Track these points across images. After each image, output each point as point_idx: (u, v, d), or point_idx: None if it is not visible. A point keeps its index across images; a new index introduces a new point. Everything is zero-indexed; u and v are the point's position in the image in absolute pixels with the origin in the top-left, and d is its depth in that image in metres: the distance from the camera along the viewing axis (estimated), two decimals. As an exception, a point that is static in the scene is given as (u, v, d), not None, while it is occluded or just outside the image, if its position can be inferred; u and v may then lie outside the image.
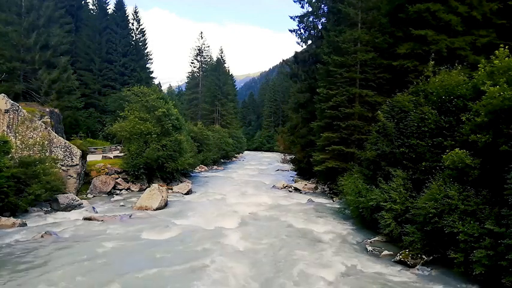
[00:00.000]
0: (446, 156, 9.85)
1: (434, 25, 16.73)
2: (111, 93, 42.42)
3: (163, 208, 17.10)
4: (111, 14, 47.92)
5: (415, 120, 12.10)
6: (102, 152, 30.42)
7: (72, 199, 16.24)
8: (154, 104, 24.26)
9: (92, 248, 10.65)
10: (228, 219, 14.78)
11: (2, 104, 17.38)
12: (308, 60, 29.17)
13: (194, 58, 68.44)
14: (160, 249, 10.83)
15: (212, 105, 62.41)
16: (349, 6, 21.28)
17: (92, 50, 44.01)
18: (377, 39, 19.45)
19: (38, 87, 27.66)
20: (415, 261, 9.84)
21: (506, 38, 15.26)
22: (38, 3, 28.43)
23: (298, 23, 28.67)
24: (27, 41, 27.37)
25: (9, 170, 13.85)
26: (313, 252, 10.97)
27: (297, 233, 13.22)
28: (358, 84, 20.40)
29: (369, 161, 14.41)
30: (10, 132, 17.19)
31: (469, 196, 9.14)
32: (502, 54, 9.92)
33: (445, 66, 13.29)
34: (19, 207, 14.17)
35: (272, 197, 21.04)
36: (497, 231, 7.85)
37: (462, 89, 11.34)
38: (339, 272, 9.38)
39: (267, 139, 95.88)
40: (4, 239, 11.19)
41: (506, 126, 8.69)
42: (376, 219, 12.08)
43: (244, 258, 10.19)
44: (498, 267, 7.73)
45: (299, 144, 28.99)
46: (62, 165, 18.37)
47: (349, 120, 20.06)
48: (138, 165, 22.37)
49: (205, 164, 40.68)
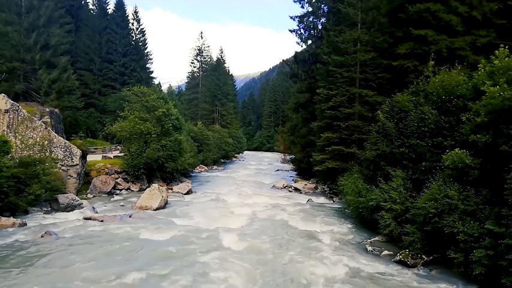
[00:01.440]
0: (446, 156, 9.85)
1: (434, 25, 16.73)
2: (111, 93, 42.45)
3: (163, 208, 17.10)
4: (111, 14, 47.94)
5: (415, 120, 12.11)
6: (102, 152, 30.40)
7: (72, 199, 16.23)
8: (155, 104, 24.25)
9: (92, 248, 10.65)
10: (228, 219, 14.78)
11: (2, 104, 17.39)
12: (308, 60, 29.18)
13: (194, 58, 68.52)
14: (160, 249, 10.82)
15: (212, 105, 62.43)
16: (349, 6, 21.29)
17: (92, 50, 44.01)
18: (377, 39, 19.45)
19: (38, 87, 27.64)
20: (415, 261, 9.84)
21: (506, 38, 15.27)
22: (38, 3, 28.39)
23: (298, 23, 28.73)
24: (27, 41, 27.36)
25: (9, 170, 13.84)
26: (313, 252, 10.96)
27: (297, 233, 13.22)
28: (358, 84, 20.40)
29: (369, 161, 14.41)
30: (10, 132, 17.19)
31: (469, 196, 9.14)
32: (501, 54, 9.93)
33: (445, 66, 13.30)
34: (19, 207, 14.16)
35: (272, 197, 21.03)
36: (497, 231, 7.86)
37: (462, 89, 11.36)
38: (339, 272, 9.37)
39: (267, 139, 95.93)
40: (4, 239, 11.18)
41: (506, 126, 8.70)
42: (376, 219, 12.08)
43: (244, 258, 10.18)
44: (498, 267, 7.73)
45: (299, 144, 28.99)
46: (62, 165, 18.37)
47: (349, 120, 20.05)
48: (138, 165, 22.37)
49: (205, 164, 40.69)
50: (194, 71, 69.74)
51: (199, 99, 65.56)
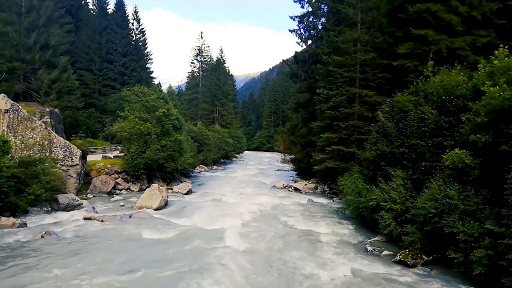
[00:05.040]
0: (446, 156, 9.85)
1: (434, 25, 16.73)
2: (111, 93, 42.45)
3: (163, 208, 17.10)
4: (111, 14, 47.94)
5: (415, 120, 12.11)
6: (102, 152, 30.40)
7: (72, 199, 16.23)
8: (155, 104, 24.25)
9: (92, 248, 10.65)
10: (228, 219, 14.77)
11: (2, 104, 17.38)
12: (308, 60, 29.18)
13: (194, 58, 68.51)
14: (160, 249, 10.82)
15: (212, 105, 62.43)
16: (348, 6, 21.28)
17: (92, 50, 44.01)
18: (377, 39, 19.45)
19: (38, 87, 27.63)
20: (415, 261, 9.85)
21: (506, 38, 15.27)
22: (38, 3, 28.38)
23: (298, 23, 28.73)
24: (27, 41, 27.35)
25: (9, 170, 13.84)
26: (313, 252, 10.97)
27: (297, 233, 13.22)
28: (358, 84, 20.39)
29: (369, 161, 14.41)
30: (10, 132, 17.18)
31: (469, 196, 9.14)
32: (501, 54, 9.93)
33: (445, 66, 13.30)
34: (19, 207, 14.15)
35: (272, 197, 21.03)
36: (497, 231, 7.86)
37: (462, 89, 11.36)
38: (339, 272, 9.37)
39: (267, 139, 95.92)
40: (4, 239, 11.17)
41: (506, 126, 8.70)
42: (376, 219, 12.08)
43: (244, 258, 10.19)
44: (498, 267, 7.74)
45: (299, 144, 28.98)
46: (62, 165, 18.36)
47: (349, 120, 20.05)
48: (138, 165, 22.37)
49: (205, 164, 40.69)
50: (194, 71, 69.75)
51: (199, 99, 65.56)
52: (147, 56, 51.82)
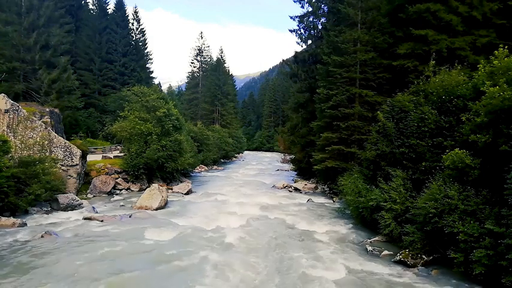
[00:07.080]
0: (446, 156, 9.85)
1: (434, 25, 16.73)
2: (111, 93, 42.41)
3: (163, 208, 17.10)
4: (111, 14, 47.88)
5: (415, 120, 12.11)
6: (102, 152, 30.39)
7: (72, 199, 16.23)
8: (155, 104, 24.26)
9: (92, 248, 10.64)
10: (228, 219, 14.77)
11: (2, 104, 17.38)
12: (308, 60, 29.20)
13: (194, 58, 68.59)
14: (160, 249, 10.82)
15: (212, 105, 62.45)
16: (349, 6, 21.28)
17: (92, 50, 43.97)
18: (377, 39, 19.46)
19: (38, 87, 27.64)
20: (415, 261, 9.85)
21: (506, 38, 15.28)
22: (38, 3, 28.40)
23: (298, 23, 28.76)
24: (27, 41, 27.35)
25: (9, 170, 13.84)
26: (313, 252, 10.97)
27: (297, 233, 13.22)
28: (358, 84, 20.39)
29: (369, 161, 14.41)
30: (10, 132, 17.18)
31: (469, 196, 9.14)
32: (501, 54, 9.93)
33: (445, 66, 13.30)
34: (19, 207, 14.16)
35: (272, 197, 21.03)
36: (497, 231, 7.86)
37: (462, 89, 11.36)
38: (339, 272, 9.38)
39: (267, 139, 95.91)
40: (4, 239, 11.18)
41: (506, 126, 8.70)
42: (376, 219, 12.08)
43: (245, 258, 10.19)
44: (498, 267, 7.74)
45: (299, 144, 28.98)
46: (62, 165, 18.37)
47: (349, 120, 20.05)
48: (138, 165, 22.38)
49: (205, 164, 40.69)
50: (194, 71, 69.82)
51: (199, 99, 65.60)
52: (147, 56, 51.82)
